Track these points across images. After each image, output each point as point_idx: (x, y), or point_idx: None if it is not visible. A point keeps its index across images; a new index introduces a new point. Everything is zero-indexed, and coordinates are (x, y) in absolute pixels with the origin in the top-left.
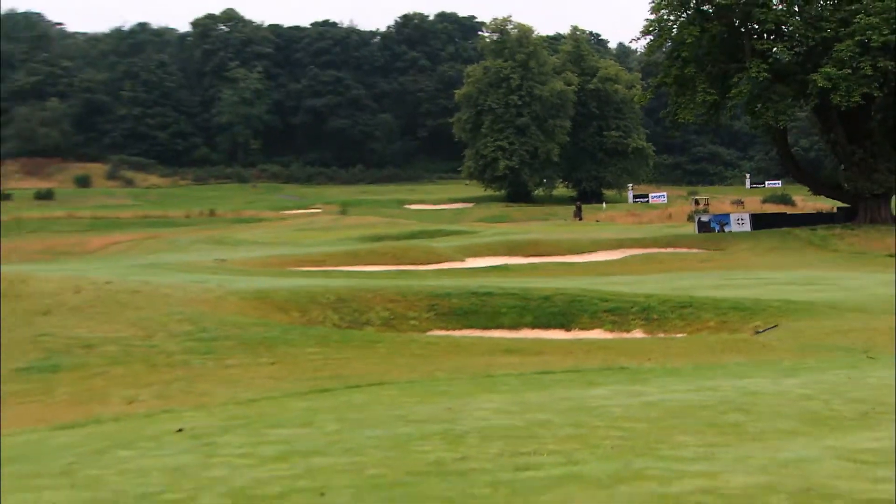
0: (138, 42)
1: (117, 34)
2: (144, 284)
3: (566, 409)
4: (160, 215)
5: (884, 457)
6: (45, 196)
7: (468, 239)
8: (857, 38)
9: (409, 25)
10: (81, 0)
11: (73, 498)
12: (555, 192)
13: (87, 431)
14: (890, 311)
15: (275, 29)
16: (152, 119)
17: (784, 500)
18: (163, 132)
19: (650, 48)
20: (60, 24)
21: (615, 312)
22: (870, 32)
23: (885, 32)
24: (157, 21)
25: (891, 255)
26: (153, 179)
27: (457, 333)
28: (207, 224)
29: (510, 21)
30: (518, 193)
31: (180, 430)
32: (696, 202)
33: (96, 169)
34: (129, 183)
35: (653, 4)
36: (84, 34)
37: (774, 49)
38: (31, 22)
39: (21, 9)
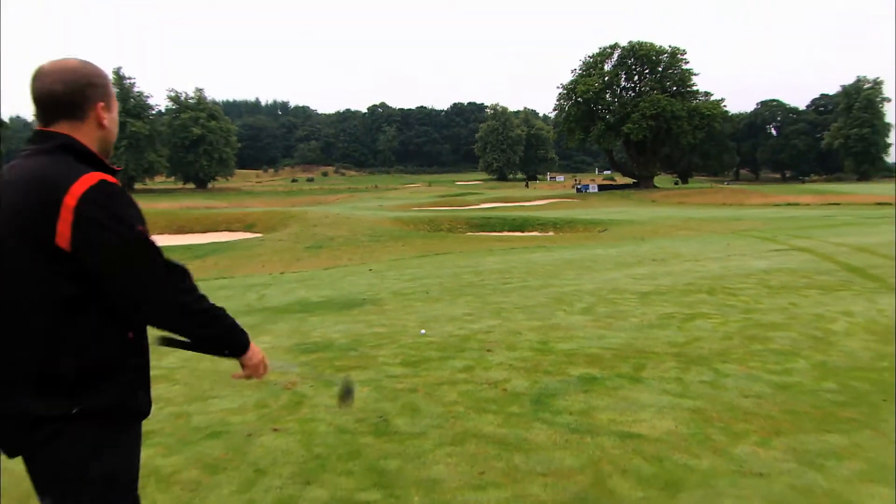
0: (345, 117)
1: (337, 114)
2: (352, 214)
3: (521, 261)
4: (356, 187)
5: (645, 276)
6: (310, 180)
7: (481, 196)
8: (640, 112)
9: (457, 107)
10: (322, 94)
11: (332, 293)
12: (517, 176)
13: (334, 270)
14: (651, 222)
15: (400, 110)
16: (351, 148)
17: (605, 293)
18: (355, 154)
19: (556, 117)
20: (315, 108)
21: (542, 224)
22: (645, 109)
23: (652, 111)
24: (353, 106)
25: (653, 202)
26: (351, 174)
27: (477, 234)
28: (375, 191)
29: (498, 105)
30: (502, 178)
31: (370, 269)
32: (576, 180)
33: (330, 169)
34: (343, 175)
35: (557, 95)
36: (323, 113)
37: (608, 115)
38: (302, 109)
39: (301, 104)
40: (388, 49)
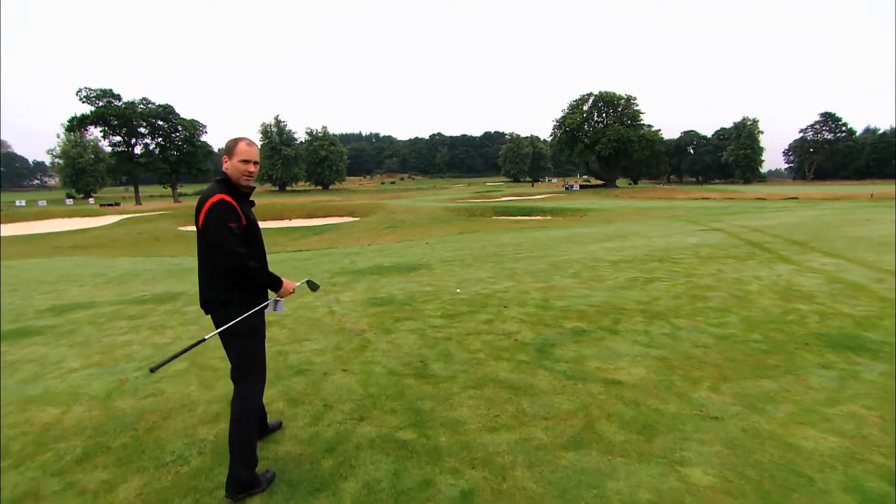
0: (414, 141)
1: (410, 139)
2: (417, 205)
3: (528, 238)
4: (421, 187)
5: (614, 249)
6: (392, 183)
7: (502, 192)
8: (607, 137)
9: (487, 134)
10: (400, 126)
11: (399, 260)
12: (526, 179)
13: (403, 243)
14: (615, 210)
15: (449, 137)
16: (418, 162)
17: (587, 261)
18: (421, 166)
19: (552, 140)
20: (396, 136)
21: (542, 211)
22: (610, 136)
23: (614, 137)
24: (420, 134)
25: (616, 196)
26: (418, 178)
27: (500, 218)
28: (433, 190)
29: (514, 132)
30: (516, 180)
31: (427, 243)
32: (565, 181)
33: (405, 176)
34: (413, 179)
35: (553, 125)
36: (401, 139)
37: (585, 139)
38: (387, 137)
39: (387, 133)
40: (443, 94)
